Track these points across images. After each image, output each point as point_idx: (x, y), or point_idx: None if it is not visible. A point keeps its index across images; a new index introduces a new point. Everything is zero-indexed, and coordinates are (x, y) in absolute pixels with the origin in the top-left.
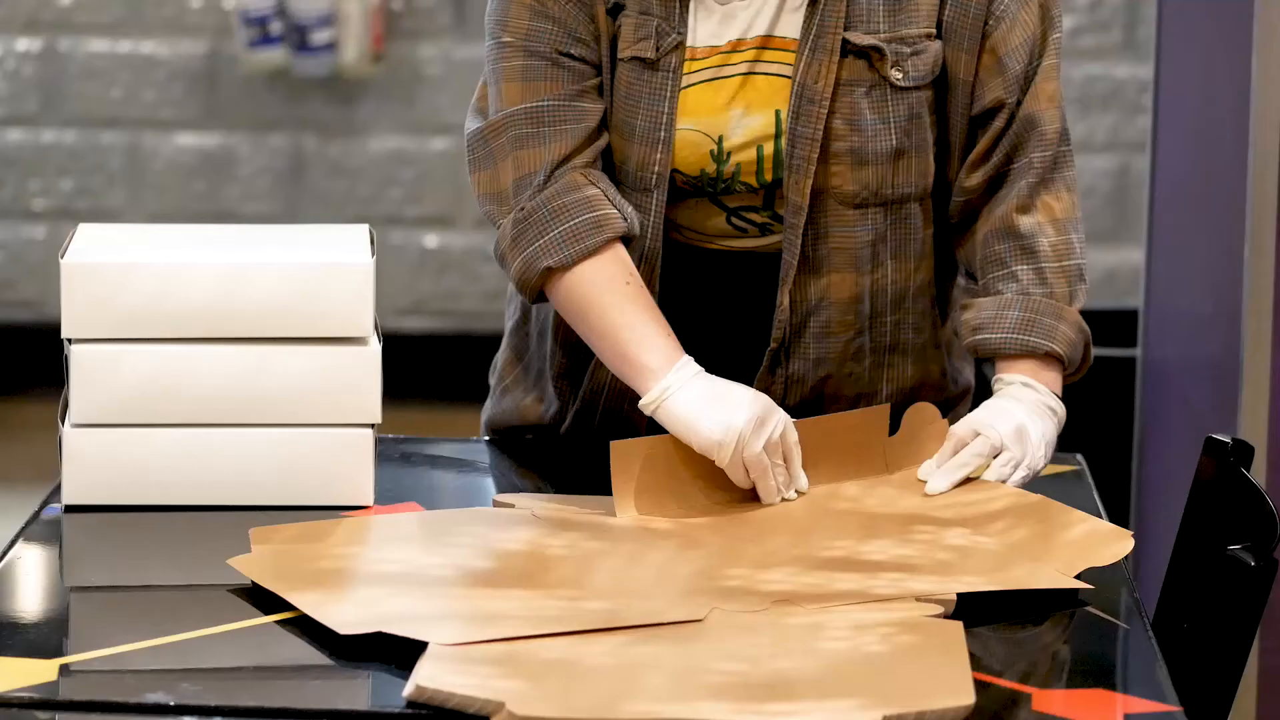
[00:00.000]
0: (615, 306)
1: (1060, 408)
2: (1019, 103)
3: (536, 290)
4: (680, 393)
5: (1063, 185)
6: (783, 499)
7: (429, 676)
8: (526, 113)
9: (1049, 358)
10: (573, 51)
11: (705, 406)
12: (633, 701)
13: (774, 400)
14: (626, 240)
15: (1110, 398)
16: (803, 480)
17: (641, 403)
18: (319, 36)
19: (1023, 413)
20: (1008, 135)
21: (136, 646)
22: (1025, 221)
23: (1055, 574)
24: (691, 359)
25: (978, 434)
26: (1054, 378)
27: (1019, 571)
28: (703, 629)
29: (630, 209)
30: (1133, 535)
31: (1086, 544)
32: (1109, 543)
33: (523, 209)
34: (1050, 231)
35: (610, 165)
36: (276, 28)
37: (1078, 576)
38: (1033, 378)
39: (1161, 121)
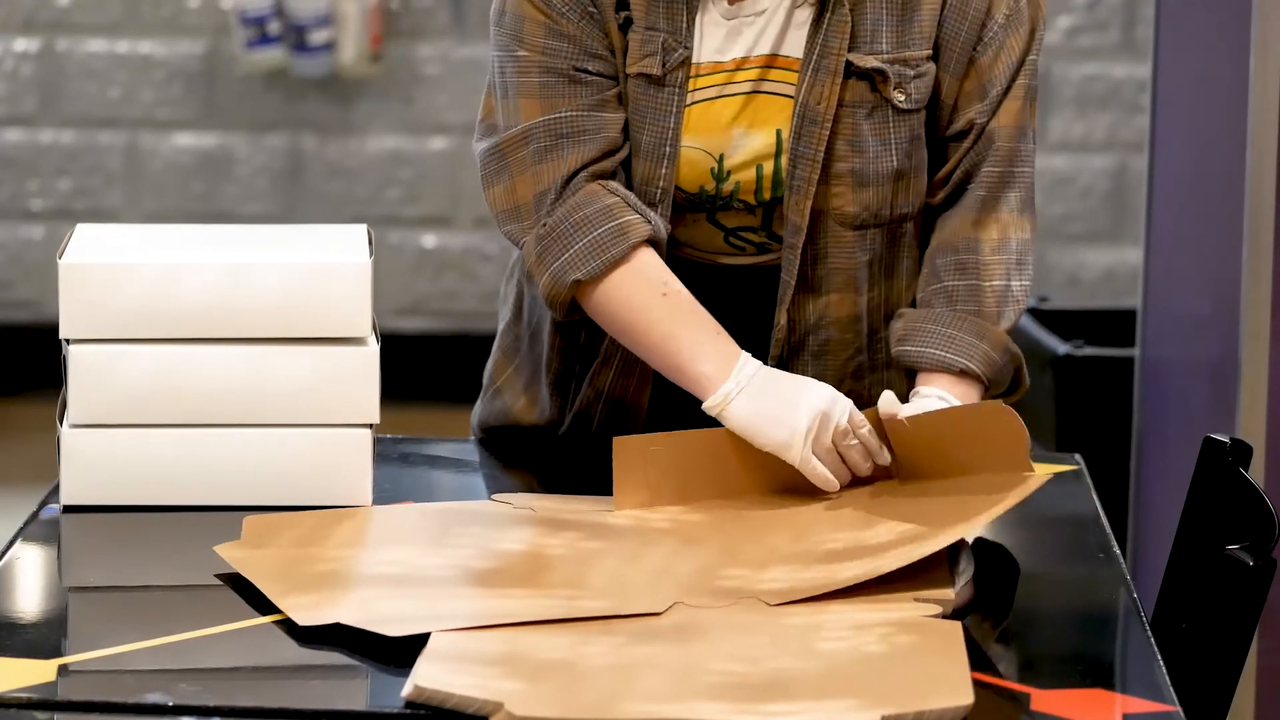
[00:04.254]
0: (659, 321)
1: None
2: (987, 123)
3: (567, 305)
4: (741, 396)
5: (1010, 205)
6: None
7: (428, 677)
8: (545, 126)
9: (965, 375)
10: (589, 67)
11: (768, 407)
12: (631, 702)
13: None
14: (655, 244)
15: (1109, 397)
16: (884, 455)
17: (704, 406)
18: (317, 36)
19: None
20: (970, 154)
21: (135, 647)
22: (963, 239)
23: (1034, 475)
24: (750, 355)
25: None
26: (969, 394)
27: (1009, 488)
28: (701, 629)
29: (654, 214)
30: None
31: (1005, 433)
32: (1004, 422)
33: (544, 224)
34: (986, 250)
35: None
36: (274, 28)
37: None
38: (948, 392)
39: (1160, 121)
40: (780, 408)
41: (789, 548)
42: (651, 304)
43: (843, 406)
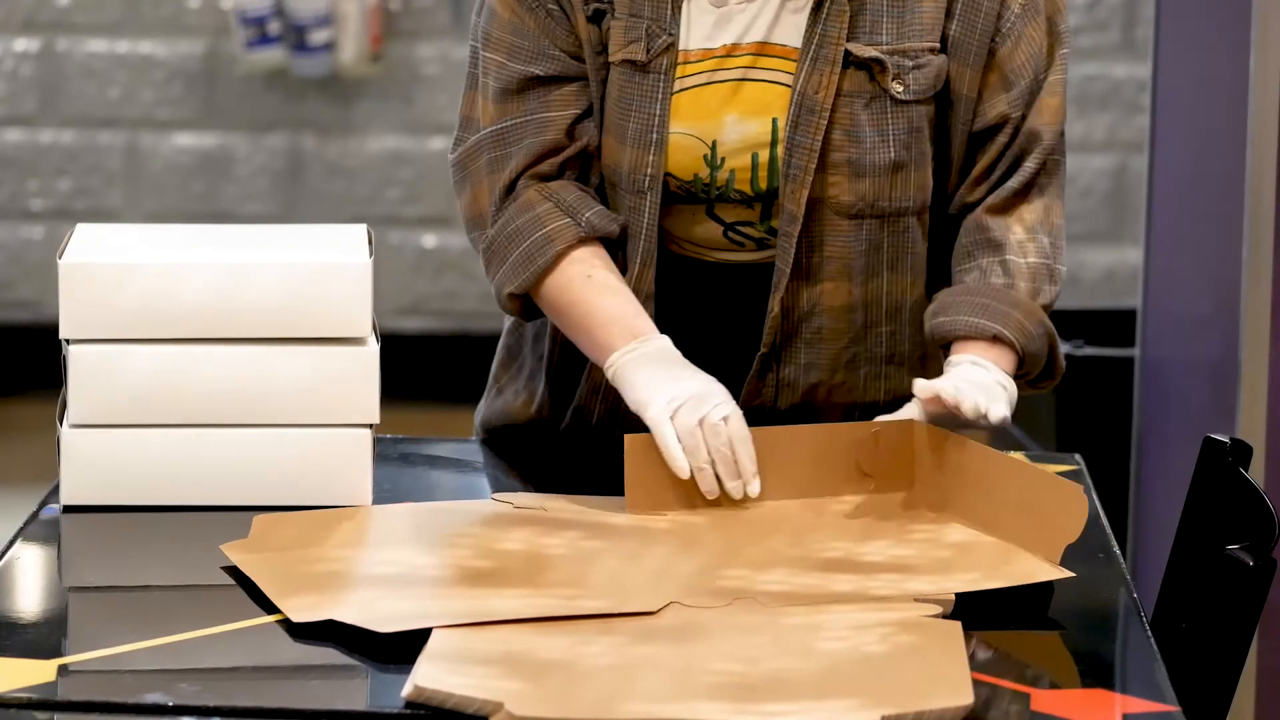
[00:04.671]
0: (580, 302)
1: (1011, 386)
2: (1023, 118)
3: (516, 311)
4: (639, 357)
5: (1045, 193)
6: (733, 499)
7: (428, 677)
8: (494, 135)
9: (998, 342)
10: (539, 70)
11: (651, 372)
12: (631, 702)
13: (764, 404)
14: (597, 240)
15: (1109, 397)
16: (754, 484)
17: (604, 364)
18: (317, 36)
19: (977, 382)
20: (1011, 149)
21: (135, 647)
22: (996, 220)
23: (1051, 568)
24: (666, 338)
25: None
26: (1004, 359)
27: (1017, 567)
28: (701, 629)
29: (594, 210)
30: (1082, 490)
31: (1058, 515)
32: (1069, 506)
33: (486, 237)
34: (1019, 230)
35: (590, 168)
36: (274, 28)
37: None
38: (981, 357)
39: (1160, 121)
40: (664, 375)
41: (789, 551)
42: (573, 291)
43: (722, 404)
